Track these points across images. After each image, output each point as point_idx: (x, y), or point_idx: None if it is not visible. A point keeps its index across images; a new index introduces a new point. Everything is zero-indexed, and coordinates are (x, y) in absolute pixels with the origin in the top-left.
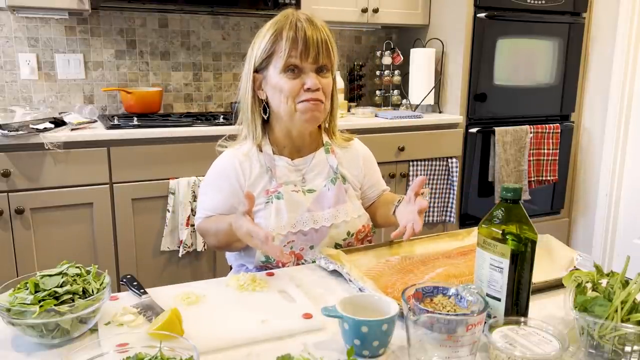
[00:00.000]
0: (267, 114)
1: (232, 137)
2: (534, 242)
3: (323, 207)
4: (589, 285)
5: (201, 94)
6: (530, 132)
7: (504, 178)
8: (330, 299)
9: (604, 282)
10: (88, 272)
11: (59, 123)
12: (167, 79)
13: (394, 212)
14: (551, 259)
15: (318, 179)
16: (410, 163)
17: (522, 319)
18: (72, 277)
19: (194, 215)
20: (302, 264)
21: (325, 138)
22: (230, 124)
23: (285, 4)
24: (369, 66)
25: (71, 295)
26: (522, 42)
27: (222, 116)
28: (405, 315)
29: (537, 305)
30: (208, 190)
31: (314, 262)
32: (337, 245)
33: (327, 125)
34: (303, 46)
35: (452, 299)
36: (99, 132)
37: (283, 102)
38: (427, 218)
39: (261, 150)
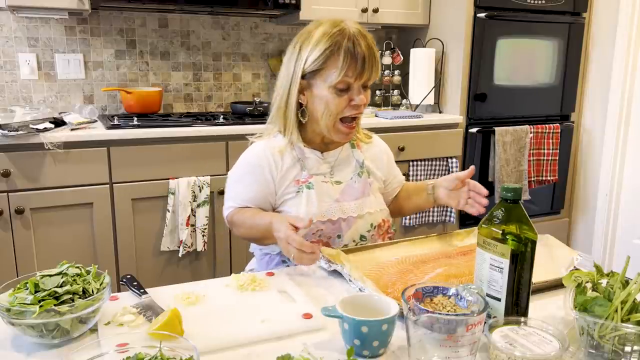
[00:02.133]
0: (304, 116)
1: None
2: (534, 242)
3: (350, 199)
4: (589, 285)
5: (201, 94)
6: (530, 132)
7: (504, 178)
8: (330, 299)
9: (604, 282)
10: (88, 272)
11: (59, 123)
12: (167, 79)
13: (434, 198)
14: (551, 259)
15: (345, 172)
16: (410, 163)
17: (522, 319)
18: (72, 277)
19: (194, 215)
20: None
21: None
22: (230, 124)
23: (285, 4)
24: None
25: (71, 295)
26: (522, 42)
27: (222, 116)
28: (405, 315)
29: (537, 305)
30: (242, 180)
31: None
32: (362, 237)
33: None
34: (361, 67)
35: (452, 299)
36: (99, 132)
37: (326, 115)
38: (427, 218)
39: (290, 143)
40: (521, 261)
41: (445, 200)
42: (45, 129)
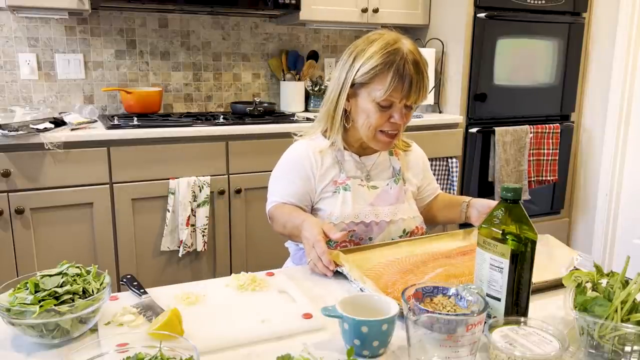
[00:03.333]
0: (347, 122)
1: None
2: (534, 242)
3: (384, 204)
4: (589, 285)
5: (201, 94)
6: (530, 132)
7: (504, 178)
8: (330, 299)
9: (604, 282)
10: (88, 272)
11: (59, 123)
12: (167, 79)
13: (466, 216)
14: (551, 259)
15: (381, 177)
16: None
17: (522, 319)
18: (72, 277)
19: (194, 215)
20: None
21: None
22: (230, 124)
23: (285, 4)
24: None
25: (71, 295)
26: (522, 42)
27: (222, 116)
28: (405, 315)
29: (537, 305)
30: (285, 176)
31: None
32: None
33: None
34: (407, 90)
35: (452, 299)
36: (99, 132)
37: (366, 126)
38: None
39: (332, 144)
40: (521, 261)
41: (474, 220)
42: (45, 129)
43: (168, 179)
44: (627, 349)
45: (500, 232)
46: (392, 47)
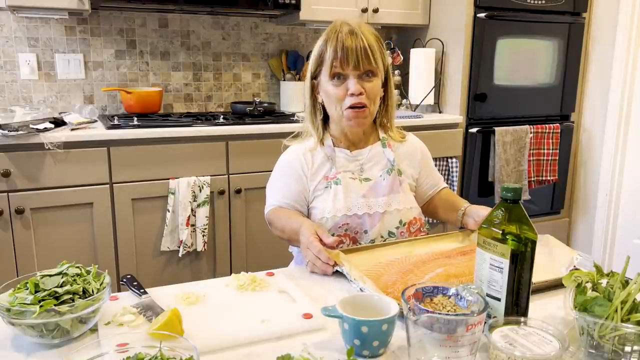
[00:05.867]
0: (324, 114)
1: (295, 135)
2: (534, 242)
3: (377, 195)
4: (589, 285)
5: (201, 94)
6: (530, 132)
7: (504, 178)
8: (330, 299)
9: (604, 282)
10: (88, 272)
11: (59, 123)
12: (167, 79)
13: (462, 221)
14: (551, 258)
15: (374, 169)
16: None
17: (522, 319)
18: (72, 277)
19: (194, 215)
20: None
21: (381, 133)
22: (230, 124)
23: (285, 4)
24: None
25: (71, 295)
26: (522, 42)
27: (222, 116)
28: (405, 315)
29: (537, 305)
30: (279, 179)
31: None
32: (390, 233)
33: (384, 121)
34: (343, 55)
35: (452, 299)
36: (99, 132)
37: (332, 106)
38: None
39: (322, 144)
40: (521, 261)
41: (470, 228)
42: (45, 129)
43: (168, 179)
44: (627, 349)
45: (500, 232)
46: (330, 27)
